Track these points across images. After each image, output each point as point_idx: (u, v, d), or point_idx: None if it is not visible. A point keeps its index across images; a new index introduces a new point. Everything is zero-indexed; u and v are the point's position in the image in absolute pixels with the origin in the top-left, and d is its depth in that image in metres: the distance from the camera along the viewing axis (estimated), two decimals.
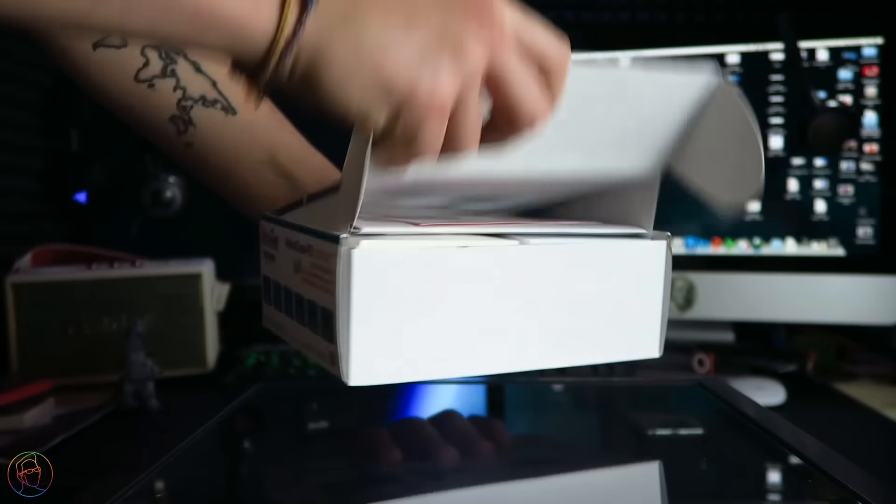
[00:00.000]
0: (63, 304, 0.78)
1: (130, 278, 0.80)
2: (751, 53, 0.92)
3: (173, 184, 0.94)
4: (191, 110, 0.54)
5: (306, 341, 0.41)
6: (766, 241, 0.91)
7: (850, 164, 0.89)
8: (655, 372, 0.87)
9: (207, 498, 0.37)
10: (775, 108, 0.91)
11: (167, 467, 0.37)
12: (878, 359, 0.94)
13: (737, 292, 0.92)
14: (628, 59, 0.95)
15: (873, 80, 0.88)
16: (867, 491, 0.32)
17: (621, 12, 1.10)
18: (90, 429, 0.66)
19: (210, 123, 0.55)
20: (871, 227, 0.88)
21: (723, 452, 0.41)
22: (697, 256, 0.93)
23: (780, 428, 0.42)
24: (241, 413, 0.49)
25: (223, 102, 0.54)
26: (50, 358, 0.77)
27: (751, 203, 0.90)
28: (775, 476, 0.38)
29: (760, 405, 0.47)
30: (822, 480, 0.35)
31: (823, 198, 0.90)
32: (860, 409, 0.73)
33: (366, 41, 0.31)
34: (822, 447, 0.39)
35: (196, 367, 0.81)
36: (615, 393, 0.54)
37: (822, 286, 0.89)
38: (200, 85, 0.54)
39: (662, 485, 0.37)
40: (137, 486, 0.35)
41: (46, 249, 0.86)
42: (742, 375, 0.82)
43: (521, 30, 0.35)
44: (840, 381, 0.84)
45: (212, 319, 0.82)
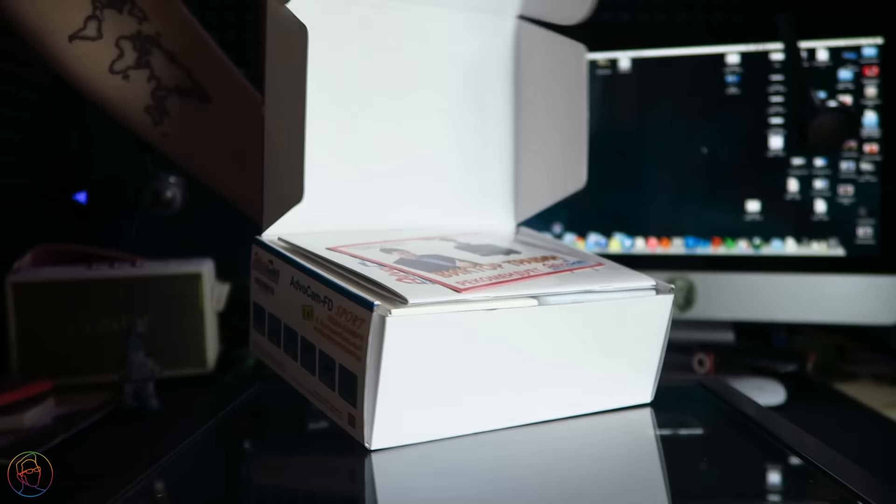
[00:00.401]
0: (63, 304, 0.78)
1: (130, 278, 0.80)
2: (751, 53, 0.92)
3: (173, 184, 0.94)
4: (165, 101, 0.54)
5: (314, 390, 0.40)
6: (766, 241, 0.92)
7: (850, 164, 0.89)
8: None
9: (207, 498, 0.37)
10: (775, 108, 0.91)
11: (167, 467, 0.37)
12: (878, 359, 0.94)
13: (737, 292, 0.92)
14: (628, 59, 0.95)
15: (873, 80, 0.88)
16: (867, 491, 0.32)
17: (621, 12, 1.10)
18: (90, 429, 0.66)
19: (185, 114, 0.54)
20: (871, 227, 0.88)
21: (723, 452, 0.41)
22: (697, 256, 0.93)
23: (780, 428, 0.42)
24: (241, 413, 0.49)
25: (198, 92, 0.54)
26: (50, 358, 0.77)
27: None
28: (775, 476, 0.38)
29: (761, 405, 0.47)
30: (822, 480, 0.35)
31: (823, 198, 0.90)
32: (860, 409, 0.73)
33: None
34: (822, 447, 0.39)
35: (196, 367, 0.81)
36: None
37: (822, 286, 0.89)
38: (174, 75, 0.54)
39: (662, 485, 0.37)
40: (137, 486, 0.34)
41: (46, 249, 0.86)
42: (742, 375, 0.82)
43: None
44: (840, 381, 0.84)
45: (212, 319, 0.82)
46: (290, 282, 0.41)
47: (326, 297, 0.38)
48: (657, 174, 0.95)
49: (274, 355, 0.44)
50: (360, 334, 0.35)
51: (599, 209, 0.97)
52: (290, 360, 0.42)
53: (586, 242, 0.97)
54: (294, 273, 0.41)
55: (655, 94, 0.96)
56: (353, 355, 0.36)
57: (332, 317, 0.37)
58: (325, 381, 0.39)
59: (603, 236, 0.97)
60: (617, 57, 0.96)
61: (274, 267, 0.43)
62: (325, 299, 0.38)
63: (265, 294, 0.44)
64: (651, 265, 0.93)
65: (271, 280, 0.43)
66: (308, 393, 0.41)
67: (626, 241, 0.96)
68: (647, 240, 0.95)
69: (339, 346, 0.37)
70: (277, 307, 0.43)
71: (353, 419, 0.37)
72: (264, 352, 0.46)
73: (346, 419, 0.37)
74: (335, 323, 0.37)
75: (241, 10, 1.11)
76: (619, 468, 0.39)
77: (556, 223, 0.98)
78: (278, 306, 0.43)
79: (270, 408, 0.52)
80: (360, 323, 0.35)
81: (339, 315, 0.37)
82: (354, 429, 0.37)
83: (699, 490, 0.36)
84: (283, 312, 0.43)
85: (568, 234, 0.98)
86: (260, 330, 0.46)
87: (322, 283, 0.38)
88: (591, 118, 0.49)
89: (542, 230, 0.98)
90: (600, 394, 0.45)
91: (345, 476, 0.37)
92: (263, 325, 0.45)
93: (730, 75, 0.92)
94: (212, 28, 1.11)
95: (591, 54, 0.96)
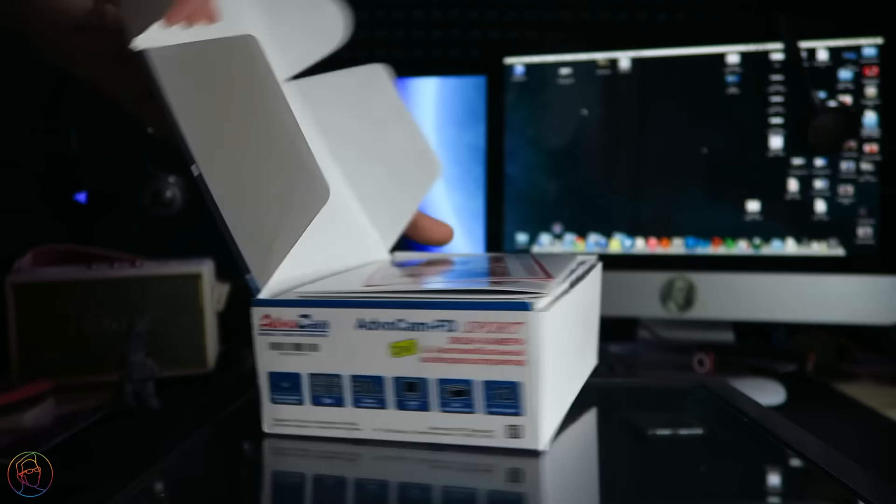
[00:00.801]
0: (63, 304, 0.78)
1: (130, 278, 0.80)
2: (751, 53, 0.92)
3: (173, 184, 0.94)
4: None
5: (430, 426, 0.38)
6: (766, 241, 0.92)
7: (850, 164, 0.89)
8: (655, 372, 0.87)
9: (207, 498, 0.37)
10: (775, 108, 0.91)
11: (167, 467, 0.37)
12: (878, 359, 0.94)
13: (737, 292, 0.92)
14: (628, 59, 0.95)
15: (873, 80, 0.88)
16: (867, 491, 0.32)
17: (621, 12, 1.10)
18: (90, 429, 0.66)
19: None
20: (871, 227, 0.88)
21: (723, 452, 0.41)
22: (697, 256, 0.93)
23: (780, 428, 0.42)
24: (241, 413, 0.49)
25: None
26: (50, 358, 0.77)
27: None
28: (775, 476, 0.38)
29: (761, 405, 0.47)
30: (822, 480, 0.35)
31: (823, 198, 0.90)
32: (860, 409, 0.73)
33: None
34: (822, 447, 0.39)
35: (196, 367, 0.81)
36: (615, 393, 0.54)
37: (822, 286, 0.89)
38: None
39: (662, 485, 0.37)
40: (137, 486, 0.35)
41: (46, 249, 0.86)
42: (742, 375, 0.82)
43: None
44: (840, 381, 0.84)
45: (211, 319, 0.82)
46: (355, 326, 0.38)
47: (442, 321, 0.37)
48: (657, 174, 0.95)
49: (332, 420, 0.40)
50: (517, 339, 0.35)
51: (599, 209, 0.97)
52: (375, 412, 0.39)
53: (586, 242, 0.97)
54: (363, 314, 0.38)
55: (655, 94, 0.96)
56: (507, 364, 0.36)
57: (459, 337, 0.37)
58: (457, 408, 0.38)
59: (603, 236, 0.97)
60: (617, 57, 0.96)
61: (316, 319, 0.39)
62: (440, 323, 0.37)
63: (293, 357, 0.40)
64: (651, 265, 0.93)
65: (309, 337, 0.39)
66: (413, 434, 0.38)
67: (626, 241, 0.96)
68: (647, 240, 0.95)
69: (481, 361, 0.37)
70: (330, 363, 0.39)
71: (517, 429, 0.37)
72: (305, 422, 0.40)
73: (504, 433, 0.37)
74: (467, 341, 0.37)
75: None
76: (619, 468, 0.39)
77: (557, 223, 0.98)
78: (333, 361, 0.39)
79: None
80: (515, 327, 0.35)
81: (474, 330, 0.36)
82: (520, 439, 0.37)
83: (699, 490, 0.36)
84: (345, 365, 0.39)
85: (568, 234, 0.98)
86: (291, 400, 0.40)
87: (430, 308, 0.37)
88: (591, 118, 0.49)
89: (542, 231, 0.98)
90: (591, 358, 0.51)
91: (344, 475, 0.37)
92: (300, 393, 0.40)
93: (730, 75, 0.92)
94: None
95: (591, 54, 0.96)
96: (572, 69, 0.97)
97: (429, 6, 1.12)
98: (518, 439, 0.37)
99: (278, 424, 0.41)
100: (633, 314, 0.97)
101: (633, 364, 0.89)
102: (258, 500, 0.36)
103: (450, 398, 0.37)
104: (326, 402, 0.39)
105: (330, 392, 0.39)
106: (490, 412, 0.37)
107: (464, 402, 0.37)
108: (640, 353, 0.95)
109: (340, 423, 0.40)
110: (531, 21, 1.11)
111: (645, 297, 0.93)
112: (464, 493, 0.34)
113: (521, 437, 0.37)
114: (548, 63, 0.98)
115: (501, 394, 0.37)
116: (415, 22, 1.12)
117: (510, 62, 0.99)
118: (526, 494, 0.34)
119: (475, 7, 1.12)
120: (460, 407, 0.37)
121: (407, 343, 0.38)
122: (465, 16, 1.12)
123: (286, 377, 0.40)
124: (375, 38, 1.12)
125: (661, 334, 0.96)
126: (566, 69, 0.97)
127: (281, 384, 0.40)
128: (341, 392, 0.39)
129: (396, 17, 1.12)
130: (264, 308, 0.39)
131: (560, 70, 0.97)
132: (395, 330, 0.37)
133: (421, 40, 1.12)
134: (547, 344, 0.36)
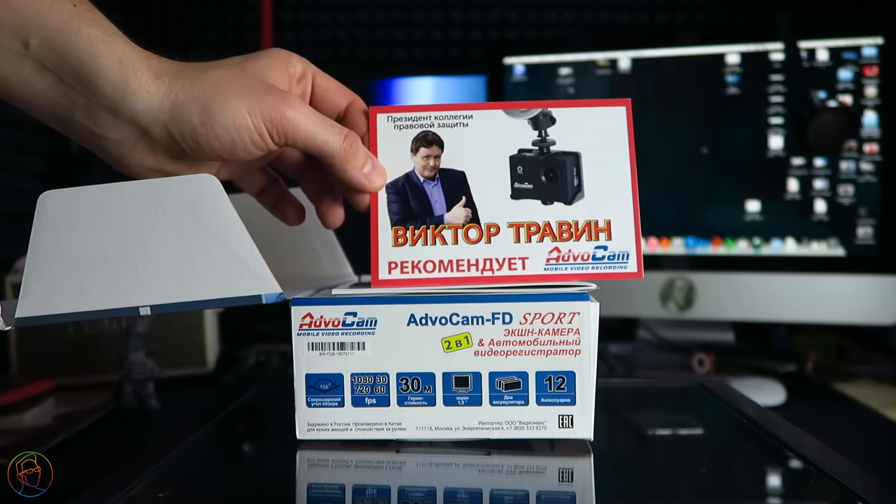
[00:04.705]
0: None
1: None
2: (751, 53, 0.92)
3: None
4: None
5: (479, 422, 0.38)
6: (766, 241, 0.92)
7: (850, 164, 0.89)
8: (655, 372, 0.87)
9: (207, 498, 0.37)
10: (775, 108, 0.91)
11: (167, 467, 0.37)
12: (878, 359, 0.94)
13: (737, 292, 0.92)
14: (628, 58, 0.95)
15: (873, 80, 0.88)
16: (867, 491, 0.32)
17: (621, 12, 1.10)
18: (90, 429, 0.66)
19: None
20: (871, 227, 0.88)
21: (723, 452, 0.41)
22: (697, 256, 0.93)
23: (780, 428, 0.42)
24: (241, 413, 0.49)
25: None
26: (50, 358, 0.77)
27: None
28: (775, 476, 0.38)
29: (760, 405, 0.47)
30: (822, 480, 0.35)
31: (823, 198, 0.90)
32: (860, 409, 0.73)
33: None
34: (822, 447, 0.39)
35: (196, 367, 0.81)
36: (615, 393, 0.54)
37: (822, 286, 0.89)
38: None
39: (662, 485, 0.37)
40: (137, 486, 0.35)
41: None
42: (742, 375, 0.82)
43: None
44: (840, 381, 0.84)
45: (212, 319, 0.82)
46: (406, 322, 0.38)
47: (498, 313, 0.38)
48: (657, 174, 0.95)
49: (375, 421, 0.39)
50: (573, 328, 0.37)
51: None
52: (422, 410, 0.38)
53: None
54: (416, 310, 0.38)
55: (655, 94, 0.96)
56: (563, 353, 0.37)
57: (514, 329, 0.38)
58: (508, 401, 0.38)
59: None
60: (617, 57, 0.96)
61: (363, 317, 0.38)
62: (496, 316, 0.38)
63: (335, 357, 0.39)
64: (651, 265, 0.93)
65: (354, 335, 0.38)
66: (461, 431, 0.38)
67: None
68: (647, 240, 0.95)
69: (536, 353, 0.37)
70: (376, 361, 0.39)
71: (571, 419, 0.37)
72: (344, 425, 0.39)
73: (557, 423, 0.38)
74: (522, 332, 0.38)
75: (240, 11, 1.11)
76: (619, 468, 0.39)
77: None
78: (379, 359, 0.38)
79: (270, 408, 0.52)
80: (572, 317, 0.37)
81: (530, 322, 0.37)
82: (572, 428, 0.38)
83: (699, 490, 0.36)
84: (392, 362, 0.38)
85: None
86: (330, 403, 0.39)
87: (486, 302, 0.38)
88: None
89: None
90: None
91: (344, 476, 0.37)
92: (340, 394, 0.39)
93: (730, 75, 0.92)
94: (212, 28, 1.12)
95: (592, 54, 0.96)
96: (572, 69, 0.97)
97: (429, 7, 1.12)
98: (570, 429, 0.37)
99: (313, 429, 0.39)
100: (633, 314, 0.97)
101: (633, 364, 0.89)
102: (258, 500, 0.36)
103: (502, 391, 0.38)
104: (369, 403, 0.39)
105: (374, 392, 0.39)
106: (542, 403, 0.37)
107: (516, 394, 0.38)
108: (640, 353, 0.95)
109: (384, 423, 0.39)
110: (531, 21, 1.11)
111: (645, 297, 0.93)
112: (465, 493, 0.34)
113: (573, 426, 0.37)
114: (548, 63, 0.98)
115: (554, 384, 0.37)
116: (415, 22, 1.12)
117: (510, 62, 0.99)
118: (526, 494, 0.34)
119: (475, 7, 1.12)
120: (512, 400, 0.38)
121: (460, 337, 0.38)
122: (466, 16, 1.12)
123: (326, 378, 0.39)
124: (375, 39, 1.12)
125: (661, 334, 0.96)
126: (566, 69, 0.97)
127: (320, 386, 0.39)
128: (387, 391, 0.39)
129: (397, 18, 1.12)
130: (305, 307, 0.38)
131: (560, 70, 0.97)
132: (449, 325, 0.38)
133: (421, 40, 1.12)
134: (596, 333, 0.37)
